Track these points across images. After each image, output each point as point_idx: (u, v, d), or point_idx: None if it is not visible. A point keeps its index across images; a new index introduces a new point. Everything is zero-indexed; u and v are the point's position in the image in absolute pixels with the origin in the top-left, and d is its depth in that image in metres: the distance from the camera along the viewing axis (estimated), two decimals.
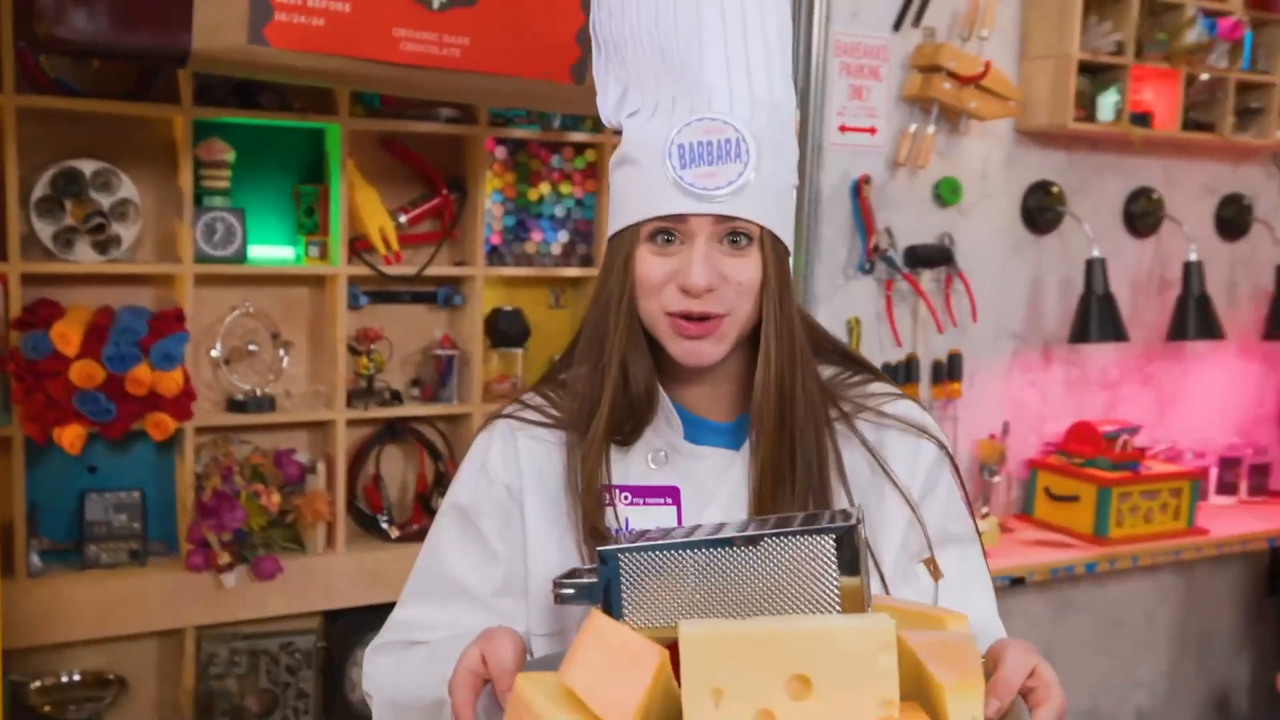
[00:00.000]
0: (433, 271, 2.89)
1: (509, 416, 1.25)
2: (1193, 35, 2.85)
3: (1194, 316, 3.01)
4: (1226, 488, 3.50)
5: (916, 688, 0.87)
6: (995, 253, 3.16)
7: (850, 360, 1.28)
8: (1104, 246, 3.15)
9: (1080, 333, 3.08)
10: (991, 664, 0.95)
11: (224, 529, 2.63)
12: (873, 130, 2.71)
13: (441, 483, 2.97)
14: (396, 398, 2.92)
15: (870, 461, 1.20)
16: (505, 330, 2.99)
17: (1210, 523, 3.34)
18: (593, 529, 1.15)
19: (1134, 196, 3.16)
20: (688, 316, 1.12)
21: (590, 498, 1.16)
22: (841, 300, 2.87)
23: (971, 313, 3.05)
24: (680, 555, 0.96)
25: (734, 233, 1.11)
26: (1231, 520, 3.41)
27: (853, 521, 0.93)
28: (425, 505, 2.96)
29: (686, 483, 1.18)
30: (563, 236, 3.04)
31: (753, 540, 0.94)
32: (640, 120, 1.15)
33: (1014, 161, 3.09)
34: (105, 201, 2.54)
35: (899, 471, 1.21)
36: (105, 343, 2.46)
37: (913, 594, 1.17)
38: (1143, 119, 3.00)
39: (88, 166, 2.52)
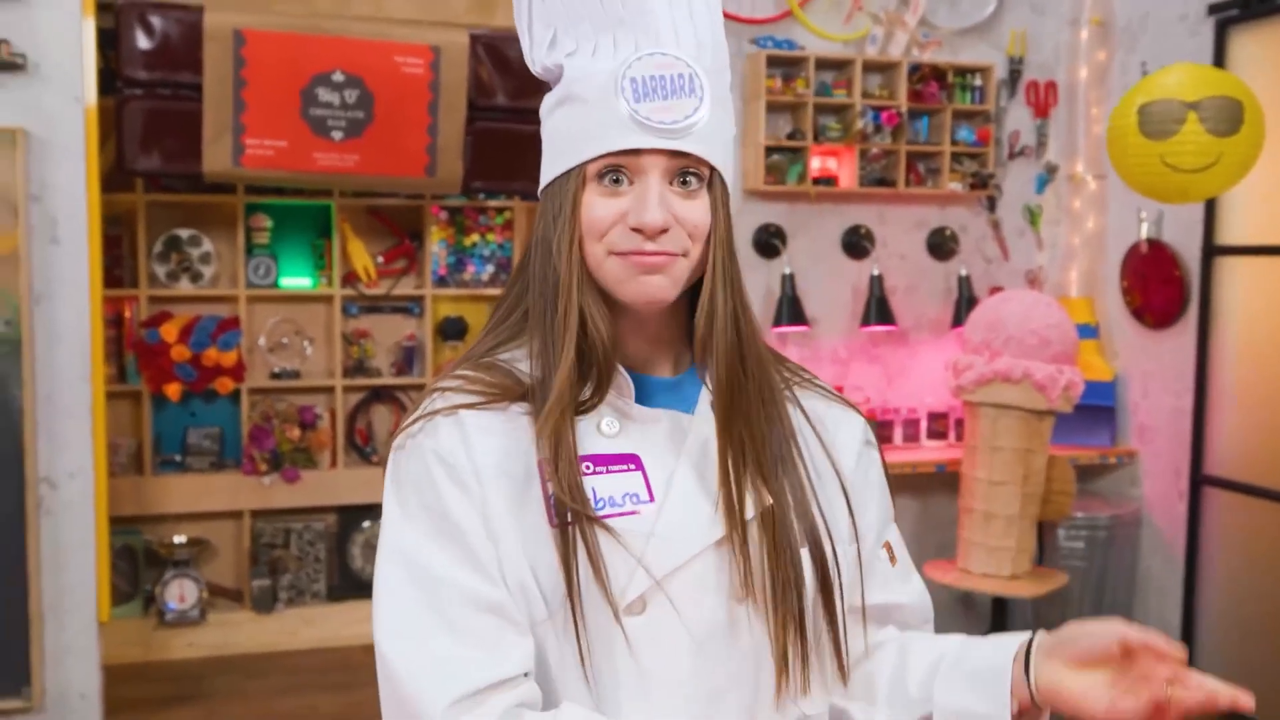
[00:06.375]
0: (400, 292, 4.52)
1: (437, 412, 1.06)
2: (861, 123, 4.04)
3: (875, 310, 4.18)
4: (935, 434, 4.44)
5: None
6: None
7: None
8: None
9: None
10: None
11: (263, 449, 4.33)
12: None
13: None
14: (379, 373, 4.55)
15: (813, 431, 1.15)
16: (449, 330, 4.58)
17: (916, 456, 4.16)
18: (565, 499, 1.01)
19: (850, 231, 4.32)
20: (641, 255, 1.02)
21: (564, 466, 1.02)
22: None
23: None
24: None
25: (685, 172, 1.03)
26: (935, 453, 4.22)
27: None
28: None
29: (645, 449, 1.08)
30: (490, 269, 4.61)
31: None
32: (581, 59, 1.05)
33: (745, 211, 4.19)
34: (195, 253, 4.31)
35: (837, 439, 1.16)
36: (191, 335, 4.21)
37: (878, 584, 1.16)
38: (829, 181, 4.16)
39: (184, 232, 4.30)
